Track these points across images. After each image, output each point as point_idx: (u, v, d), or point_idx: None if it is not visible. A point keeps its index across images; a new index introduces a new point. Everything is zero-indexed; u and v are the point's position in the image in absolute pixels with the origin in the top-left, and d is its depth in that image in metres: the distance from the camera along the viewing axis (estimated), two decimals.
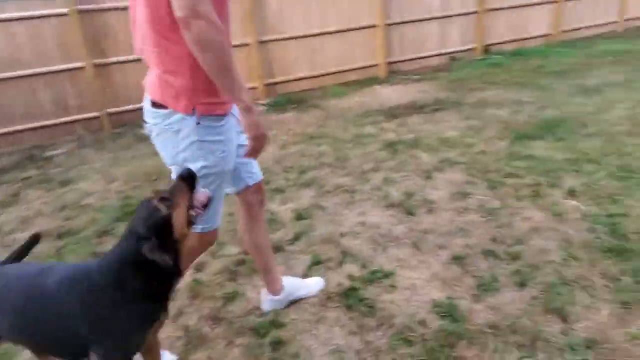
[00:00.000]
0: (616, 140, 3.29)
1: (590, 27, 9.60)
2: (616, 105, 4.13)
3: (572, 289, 1.79)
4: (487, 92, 5.40)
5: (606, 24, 9.79)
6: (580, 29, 9.50)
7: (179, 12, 1.11)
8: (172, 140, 1.32)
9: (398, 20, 7.45)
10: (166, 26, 1.19)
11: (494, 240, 2.21)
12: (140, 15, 1.26)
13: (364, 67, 7.42)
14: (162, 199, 1.18)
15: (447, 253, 2.16)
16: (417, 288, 1.92)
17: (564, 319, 1.63)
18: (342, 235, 2.46)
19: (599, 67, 6.02)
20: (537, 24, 8.95)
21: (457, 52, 8.27)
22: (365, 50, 7.39)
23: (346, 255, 2.25)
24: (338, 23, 6.98)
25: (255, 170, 1.65)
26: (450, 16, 7.94)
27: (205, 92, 1.27)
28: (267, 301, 1.88)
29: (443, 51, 8.13)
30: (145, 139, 5.13)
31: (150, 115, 1.37)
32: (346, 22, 7.04)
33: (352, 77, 7.35)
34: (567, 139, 3.43)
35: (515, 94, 5.12)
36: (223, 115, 1.34)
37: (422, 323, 1.70)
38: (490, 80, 6.02)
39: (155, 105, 1.32)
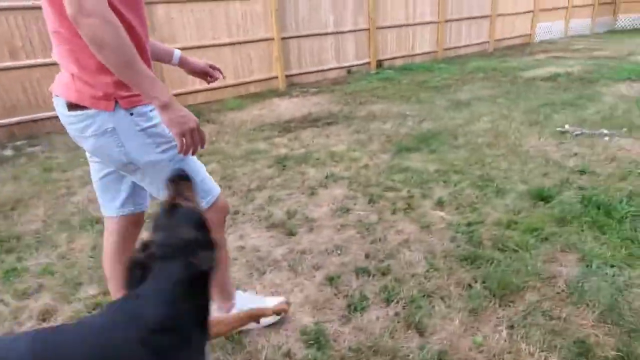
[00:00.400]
0: (479, 151, 3.64)
1: (467, 45, 10.77)
2: (481, 118, 4.61)
3: (431, 300, 1.88)
4: (376, 105, 5.68)
5: (479, 43, 11.06)
6: (458, 47, 10.59)
7: (67, 9, 1.05)
8: (113, 141, 1.27)
9: (294, 34, 7.56)
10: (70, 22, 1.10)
11: (368, 256, 2.26)
12: (46, 11, 1.18)
13: (262, 80, 7.39)
14: (186, 200, 1.05)
15: (322, 273, 2.15)
16: (288, 315, 1.86)
17: (421, 332, 1.69)
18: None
19: (471, 82, 6.72)
20: (422, 41, 9.78)
21: (353, 65, 8.66)
22: (262, 63, 7.35)
23: None
24: (232, 35, 6.85)
25: (145, 201, 1.59)
26: (344, 32, 8.29)
27: (125, 85, 1.21)
28: None
29: (340, 65, 8.45)
30: (4, 161, 4.49)
31: (69, 121, 1.27)
32: (241, 34, 6.94)
33: (251, 89, 7.27)
34: (439, 151, 3.72)
35: (400, 107, 5.46)
36: (148, 102, 1.28)
37: (288, 355, 1.64)
38: (380, 94, 6.36)
39: (72, 107, 1.24)
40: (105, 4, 1.08)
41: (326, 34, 8.06)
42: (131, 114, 1.26)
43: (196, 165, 1.44)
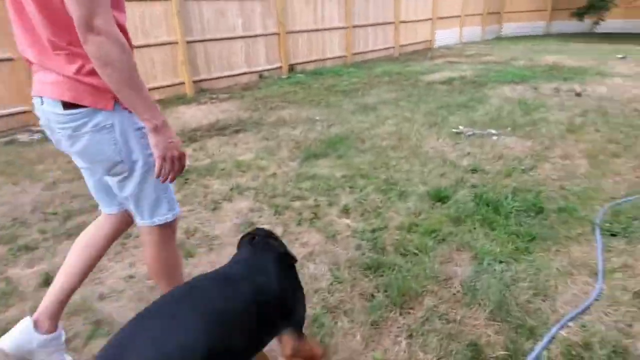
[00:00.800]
0: (383, 154, 3.73)
1: (374, 50, 11.22)
2: (386, 121, 4.76)
3: (334, 315, 1.82)
4: (286, 110, 5.60)
5: (385, 49, 11.59)
6: (366, 52, 10.99)
7: (77, 25, 1.07)
8: (109, 137, 1.26)
9: (200, 37, 7.21)
10: (69, 28, 1.12)
11: None
12: (34, 16, 1.16)
13: (167, 86, 6.92)
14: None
15: None
16: None
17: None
18: (102, 297, 2.04)
19: (378, 86, 6.97)
20: (332, 46, 9.96)
21: (265, 70, 8.52)
22: (166, 68, 6.90)
23: (100, 324, 1.84)
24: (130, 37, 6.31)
25: None
26: (253, 36, 8.12)
27: None
28: (23, 330, 1.45)
29: (251, 69, 8.26)
30: None
31: (62, 120, 1.24)
32: (140, 37, 6.43)
33: (155, 96, 6.76)
34: (347, 155, 3.74)
35: (310, 111, 5.45)
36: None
37: None
38: (291, 99, 6.31)
39: (68, 106, 1.21)
40: (114, 22, 1.09)
41: (235, 37, 7.82)
42: (130, 112, 1.26)
43: None
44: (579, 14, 15.65)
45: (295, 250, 2.34)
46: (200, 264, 2.26)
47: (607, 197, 2.77)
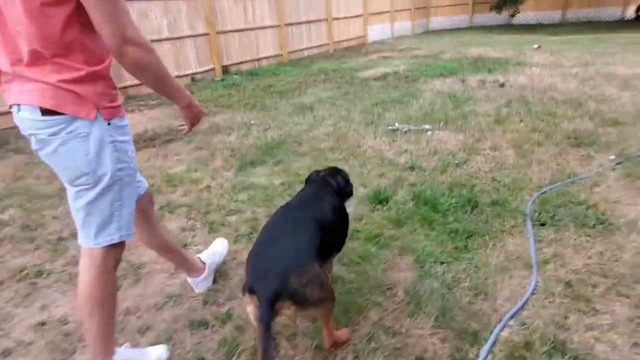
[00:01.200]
0: (322, 157, 3.65)
1: (309, 48, 11.17)
2: (323, 122, 4.69)
3: (277, 343, 1.69)
4: (219, 115, 5.35)
5: (320, 46, 11.59)
6: (302, 49, 10.91)
7: (109, 40, 1.14)
8: (82, 146, 1.26)
9: None
10: (59, 40, 1.17)
11: (206, 302, 1.97)
12: (22, 26, 1.15)
13: None
14: None
15: (151, 336, 1.78)
16: None
17: None
18: (5, 353, 1.75)
19: (314, 85, 6.90)
20: (266, 45, 9.76)
21: (197, 73, 8.13)
22: None
23: None
24: None
25: (141, 179, 1.66)
26: (181, 37, 7.71)
27: (107, 96, 1.28)
28: (198, 283, 2.00)
29: (182, 73, 7.84)
30: None
31: (40, 126, 1.23)
32: None
33: None
34: (284, 161, 3.61)
35: (245, 115, 5.25)
36: (124, 115, 1.37)
37: None
38: (225, 103, 6.05)
39: (47, 112, 1.21)
40: (137, 27, 1.18)
41: (161, 39, 7.37)
42: (109, 124, 1.30)
43: (135, 195, 1.49)
44: (498, 7, 16.70)
45: (232, 271, 2.19)
46: (126, 297, 2.03)
47: (534, 186, 2.90)
